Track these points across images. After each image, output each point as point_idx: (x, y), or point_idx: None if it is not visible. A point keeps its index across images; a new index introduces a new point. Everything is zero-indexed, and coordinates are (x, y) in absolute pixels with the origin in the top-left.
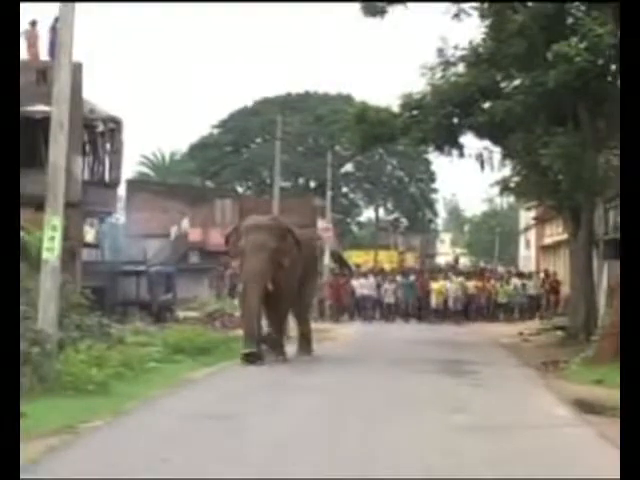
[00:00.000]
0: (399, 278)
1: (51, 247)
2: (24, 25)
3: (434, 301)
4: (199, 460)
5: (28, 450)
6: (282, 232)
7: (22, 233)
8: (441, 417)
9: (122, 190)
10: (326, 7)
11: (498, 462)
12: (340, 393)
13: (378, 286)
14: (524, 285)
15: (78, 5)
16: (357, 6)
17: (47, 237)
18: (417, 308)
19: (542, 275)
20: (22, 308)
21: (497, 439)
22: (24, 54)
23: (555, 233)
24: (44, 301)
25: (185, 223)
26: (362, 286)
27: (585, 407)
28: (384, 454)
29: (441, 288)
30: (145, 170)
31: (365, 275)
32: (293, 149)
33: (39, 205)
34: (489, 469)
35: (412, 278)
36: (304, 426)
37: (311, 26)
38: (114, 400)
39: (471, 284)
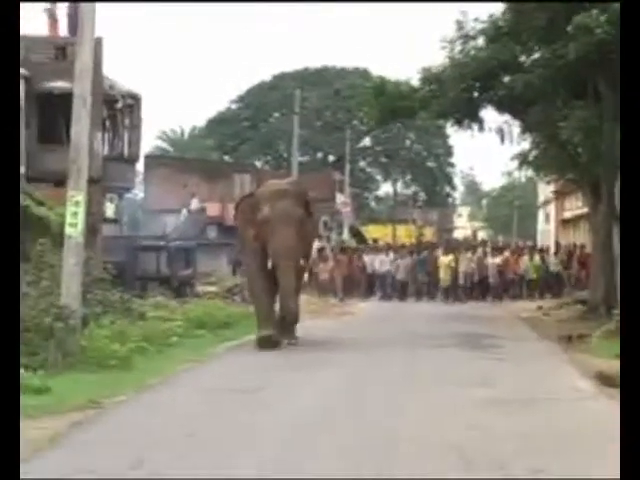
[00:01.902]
0: (411, 254)
1: (74, 223)
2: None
3: (443, 277)
4: (223, 435)
5: (53, 425)
6: (306, 200)
7: (44, 209)
8: (463, 391)
9: (140, 165)
10: None
11: (522, 436)
12: (360, 369)
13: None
14: (544, 260)
15: None
16: None
17: (70, 213)
18: (427, 285)
19: (566, 250)
20: (45, 284)
21: (520, 412)
22: (45, 30)
23: (575, 207)
24: (67, 277)
25: (195, 203)
26: (375, 262)
27: (607, 380)
28: (408, 427)
29: (450, 263)
30: (163, 145)
31: (379, 250)
32: (311, 124)
33: (59, 181)
34: (513, 443)
35: (425, 254)
36: (328, 400)
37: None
38: (137, 375)
39: (497, 259)
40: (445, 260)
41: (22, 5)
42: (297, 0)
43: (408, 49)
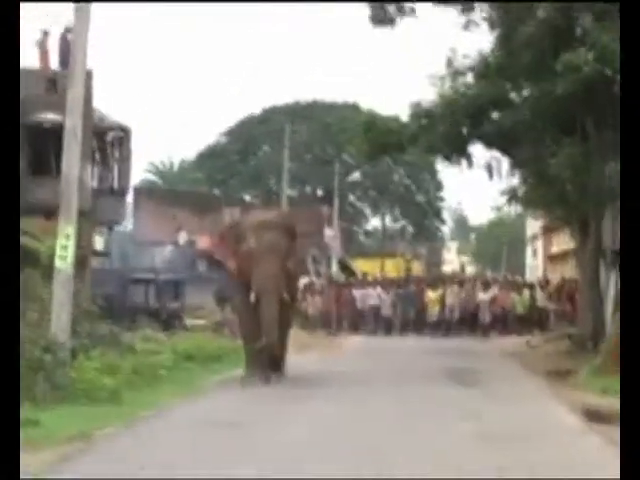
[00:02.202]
0: (396, 289)
1: (64, 255)
2: (36, 34)
3: (430, 312)
4: (211, 468)
5: (42, 458)
6: (292, 231)
7: (34, 241)
8: (449, 426)
9: (130, 198)
10: (335, 16)
11: (508, 471)
12: (346, 401)
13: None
14: (532, 296)
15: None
16: (366, 15)
17: (60, 245)
18: (414, 321)
19: (553, 284)
20: (35, 316)
21: (507, 448)
22: (35, 63)
23: (563, 242)
24: (57, 309)
25: (182, 236)
26: (364, 296)
27: (594, 416)
28: (393, 460)
29: (437, 297)
30: (153, 178)
31: (367, 284)
32: (300, 157)
33: (49, 213)
34: (499, 474)
35: (411, 288)
36: (317, 434)
37: (320, 35)
38: (126, 408)
39: (487, 295)
40: (432, 295)
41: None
42: (288, 32)
43: (398, 82)
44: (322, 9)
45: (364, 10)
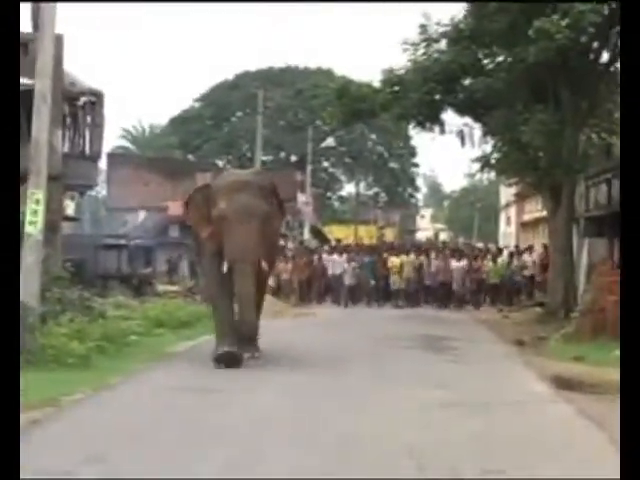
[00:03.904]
0: (358, 256)
1: (34, 221)
2: None
3: (393, 281)
4: (180, 433)
5: None
6: (270, 192)
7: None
8: (420, 393)
9: (103, 163)
10: None
11: (477, 438)
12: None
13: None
14: (508, 264)
15: None
16: None
17: (30, 211)
18: (375, 291)
19: (538, 251)
20: None
21: (476, 415)
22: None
23: (535, 210)
24: (26, 275)
25: (142, 214)
26: (331, 264)
27: (564, 384)
28: (362, 429)
29: (399, 265)
30: (126, 144)
31: (337, 251)
32: (274, 123)
33: (20, 178)
34: (468, 446)
35: (373, 256)
36: (287, 399)
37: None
38: (96, 374)
39: (459, 264)
40: (395, 262)
41: None
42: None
43: (371, 48)
44: None
45: None
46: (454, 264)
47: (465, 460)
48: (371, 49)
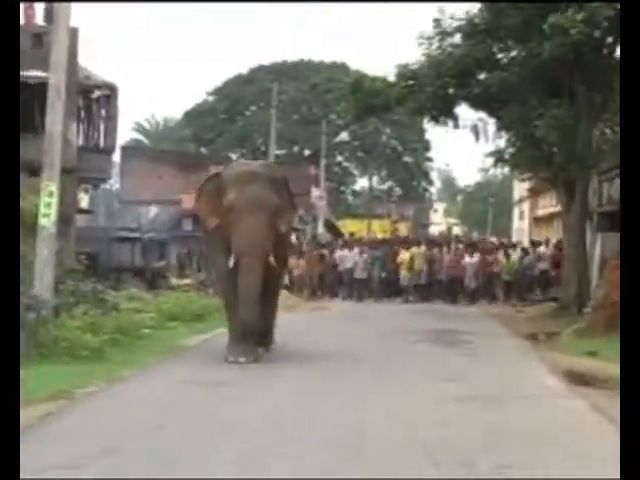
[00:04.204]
0: (370, 250)
1: (48, 213)
2: None
3: (403, 275)
4: (193, 427)
5: (25, 415)
6: (281, 184)
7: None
8: (433, 387)
9: (117, 156)
10: None
11: (490, 432)
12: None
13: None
14: (539, 258)
15: None
16: None
17: (44, 203)
18: (386, 284)
19: (551, 247)
20: None
21: (489, 409)
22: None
23: (549, 205)
24: (40, 267)
25: (153, 210)
26: (343, 259)
27: (576, 379)
28: (376, 422)
29: (408, 259)
30: (139, 137)
31: (350, 245)
32: (288, 117)
33: (33, 170)
34: (481, 439)
35: (383, 250)
36: (300, 394)
37: None
38: (109, 366)
39: (471, 259)
40: (405, 257)
41: None
42: None
43: (386, 42)
44: None
45: None
46: (467, 259)
47: (479, 454)
48: (386, 43)
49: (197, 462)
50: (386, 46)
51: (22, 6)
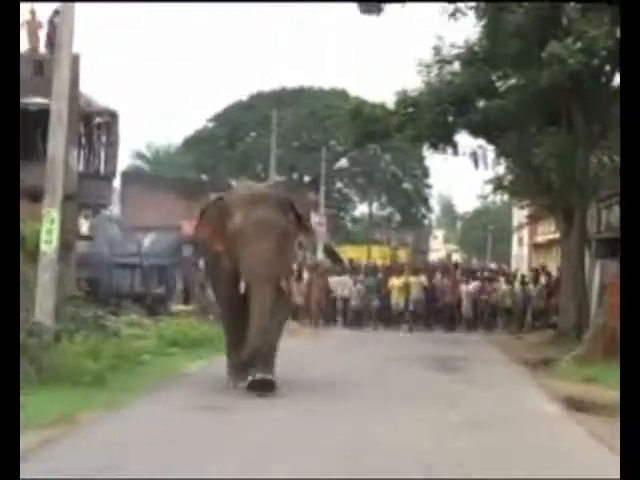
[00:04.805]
0: (363, 277)
1: (49, 239)
2: (24, 14)
3: (395, 301)
4: (194, 452)
5: (24, 441)
6: (287, 206)
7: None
8: (432, 413)
9: (117, 182)
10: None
11: (488, 457)
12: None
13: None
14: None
15: None
16: (354, 4)
17: (45, 229)
18: (380, 312)
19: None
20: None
21: (488, 435)
22: (24, 44)
23: (548, 232)
24: (41, 293)
25: (151, 237)
26: (338, 285)
27: (575, 405)
28: (377, 447)
29: (402, 286)
30: (139, 163)
31: (347, 272)
32: (287, 143)
33: (35, 197)
34: (478, 464)
35: (378, 277)
36: (299, 419)
37: (307, 21)
38: (109, 392)
39: (469, 286)
40: (397, 283)
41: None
42: (275, 17)
43: (386, 69)
44: None
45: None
46: (463, 287)
47: (475, 476)
48: (385, 70)
49: None
50: (385, 73)
51: (25, 33)
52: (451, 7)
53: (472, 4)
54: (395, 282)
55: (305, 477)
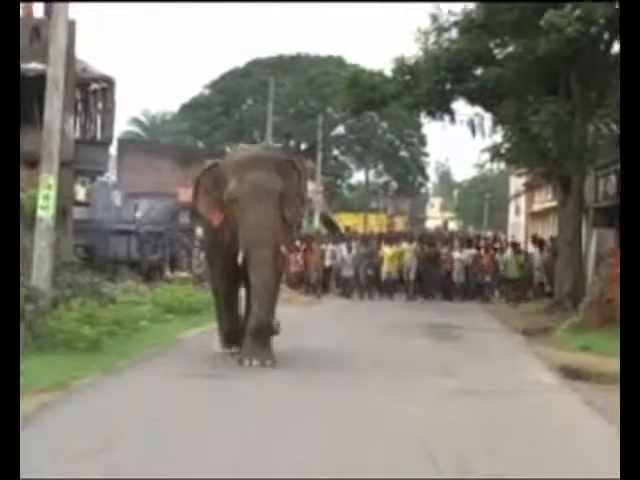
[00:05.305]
0: (357, 245)
1: (46, 205)
2: None
3: (385, 270)
4: (188, 418)
5: (21, 406)
6: (289, 168)
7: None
8: (428, 381)
9: (113, 149)
10: None
11: (484, 426)
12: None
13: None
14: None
15: None
16: None
17: (42, 196)
18: (373, 281)
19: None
20: None
21: (483, 404)
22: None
23: (545, 200)
24: (38, 259)
25: (144, 204)
26: (330, 254)
27: (571, 373)
28: (372, 417)
29: (394, 255)
30: (136, 130)
31: (343, 240)
32: (284, 111)
33: (32, 163)
34: (475, 433)
35: (371, 245)
36: (294, 386)
37: None
38: (106, 358)
39: (462, 255)
40: (389, 252)
41: None
42: None
43: (383, 36)
44: None
45: None
46: (456, 254)
47: (473, 447)
48: (382, 37)
49: (192, 453)
50: (383, 40)
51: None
52: None
53: None
54: (387, 251)
55: (299, 449)
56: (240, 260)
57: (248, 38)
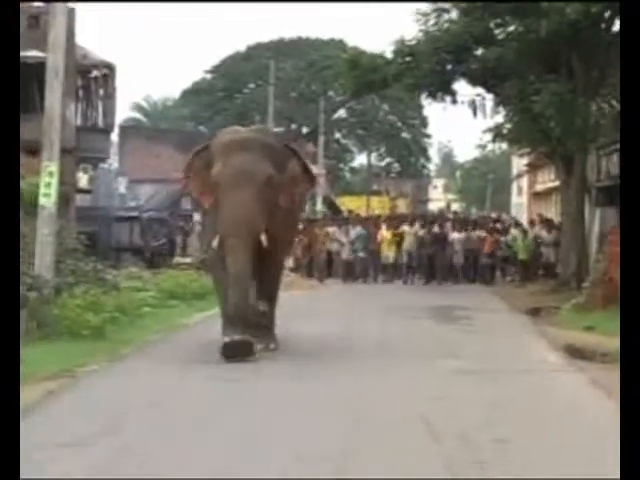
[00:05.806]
0: (355, 228)
1: (48, 193)
2: None
3: (384, 254)
4: (192, 405)
5: (27, 394)
6: (279, 151)
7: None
8: (434, 362)
9: (115, 136)
10: None
11: (489, 406)
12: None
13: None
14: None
15: None
16: None
17: (44, 183)
18: (372, 264)
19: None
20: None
21: (489, 383)
22: None
23: (547, 180)
24: (41, 247)
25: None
26: (332, 238)
27: (576, 353)
28: (376, 395)
29: (392, 238)
30: (138, 116)
31: (346, 223)
32: (285, 95)
33: (32, 151)
34: (479, 413)
35: (369, 229)
36: (295, 369)
37: None
38: (110, 345)
39: (460, 235)
40: (387, 235)
41: None
42: None
43: (383, 18)
44: None
45: None
46: (455, 235)
47: (477, 427)
48: (382, 19)
49: (196, 439)
50: (383, 22)
51: None
52: None
53: None
54: (385, 234)
55: (306, 434)
56: (214, 245)
57: (249, 22)
